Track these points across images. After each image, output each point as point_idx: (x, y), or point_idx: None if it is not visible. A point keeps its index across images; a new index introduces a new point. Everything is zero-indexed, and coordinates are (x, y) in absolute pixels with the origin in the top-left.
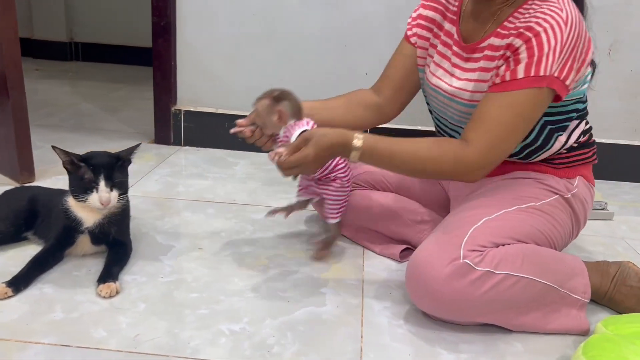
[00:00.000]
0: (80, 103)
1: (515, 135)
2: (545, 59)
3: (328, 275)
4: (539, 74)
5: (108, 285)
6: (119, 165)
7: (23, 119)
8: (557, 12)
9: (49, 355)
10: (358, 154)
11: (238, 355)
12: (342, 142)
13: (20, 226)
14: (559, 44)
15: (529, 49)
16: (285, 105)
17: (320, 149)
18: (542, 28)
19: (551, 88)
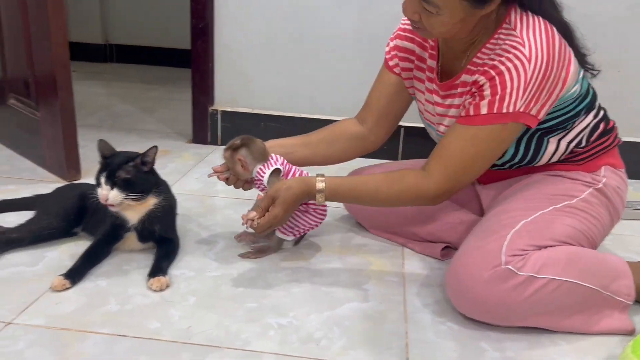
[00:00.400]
0: (117, 104)
1: (474, 169)
2: (508, 97)
3: (369, 273)
4: (501, 111)
5: (158, 279)
6: (128, 166)
7: (70, 119)
8: (520, 49)
9: (107, 345)
10: (323, 196)
11: (287, 348)
12: (307, 190)
13: (70, 222)
14: (522, 83)
15: (492, 87)
16: (244, 152)
17: (288, 205)
18: (505, 67)
19: (517, 122)
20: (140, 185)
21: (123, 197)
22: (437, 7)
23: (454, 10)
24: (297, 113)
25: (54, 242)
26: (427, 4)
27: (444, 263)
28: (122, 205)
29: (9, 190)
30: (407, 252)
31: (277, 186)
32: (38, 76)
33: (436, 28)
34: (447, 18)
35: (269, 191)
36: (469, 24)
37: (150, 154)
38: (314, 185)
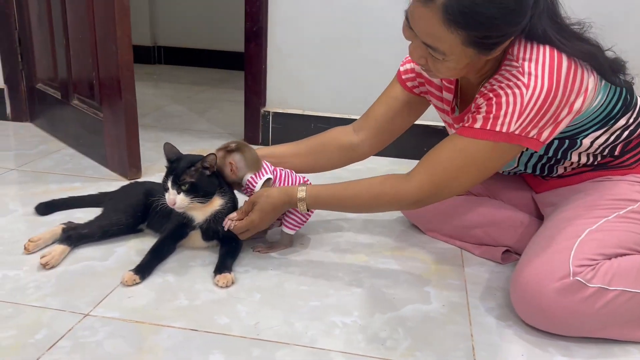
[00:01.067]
0: (169, 104)
1: (458, 181)
2: (502, 117)
3: (429, 275)
4: (494, 128)
5: (224, 276)
6: (192, 170)
7: (133, 120)
8: (519, 77)
9: (181, 338)
10: (304, 204)
11: (353, 347)
12: (287, 200)
13: (137, 218)
14: (518, 107)
15: (489, 106)
16: (237, 158)
17: (264, 213)
18: (504, 92)
19: (511, 144)
20: (205, 188)
21: (189, 201)
22: (443, 54)
23: (460, 57)
24: (348, 114)
25: (121, 238)
26: (434, 51)
27: (504, 267)
28: (188, 208)
29: (75, 187)
30: (466, 255)
31: (259, 192)
32: (102, 78)
33: (443, 72)
34: (453, 64)
35: (252, 197)
36: (475, 67)
37: (209, 161)
38: (294, 195)
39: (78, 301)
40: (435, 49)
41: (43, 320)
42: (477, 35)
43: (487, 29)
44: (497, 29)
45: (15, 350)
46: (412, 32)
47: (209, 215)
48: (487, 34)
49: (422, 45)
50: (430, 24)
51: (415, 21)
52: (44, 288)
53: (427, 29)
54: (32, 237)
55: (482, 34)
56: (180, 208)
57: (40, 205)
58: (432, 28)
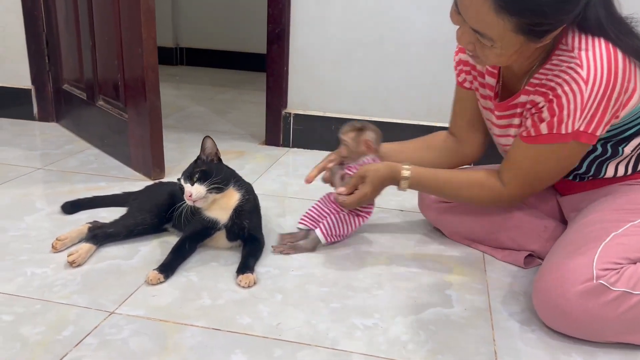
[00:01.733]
0: (191, 105)
1: (543, 182)
2: (566, 118)
3: (451, 278)
4: (560, 132)
5: (247, 276)
6: (199, 161)
7: (157, 120)
8: (578, 71)
9: (204, 337)
10: (407, 183)
11: (375, 349)
12: (392, 175)
13: (162, 218)
14: (580, 104)
15: (550, 109)
16: (370, 135)
17: (375, 186)
18: (562, 90)
19: (579, 141)
20: (217, 174)
21: (206, 189)
22: (491, 41)
23: (509, 43)
24: (369, 116)
25: (146, 237)
26: (482, 37)
27: (527, 271)
28: (207, 199)
29: (100, 187)
30: (488, 259)
31: (366, 167)
32: (128, 79)
33: (490, 59)
34: (501, 50)
35: (359, 171)
36: (524, 55)
37: (204, 146)
38: (399, 172)
39: (104, 299)
40: (484, 35)
41: (70, 318)
42: (528, 22)
43: (539, 16)
44: (549, 16)
45: (44, 346)
46: (460, 18)
47: (232, 212)
48: (538, 21)
49: (470, 31)
50: (481, 10)
51: (465, 7)
52: (71, 286)
53: (477, 15)
54: (59, 236)
55: (533, 21)
56: (199, 198)
57: (66, 204)
58: (482, 14)
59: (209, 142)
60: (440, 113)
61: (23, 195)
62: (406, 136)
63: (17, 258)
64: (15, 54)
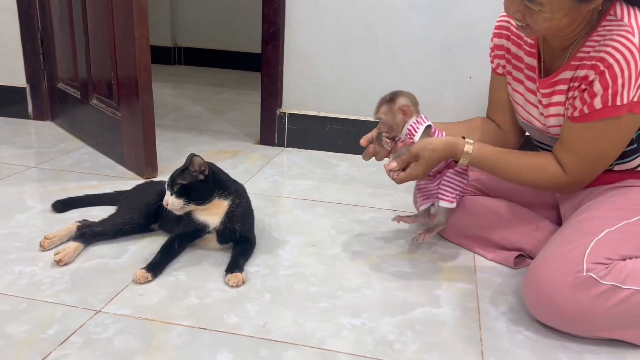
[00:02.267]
0: (188, 105)
1: (605, 160)
2: (620, 89)
3: (440, 278)
4: (615, 103)
5: (235, 276)
6: (184, 173)
7: (150, 120)
8: (629, 37)
9: (190, 337)
10: (468, 158)
11: (361, 349)
12: (452, 150)
13: (150, 218)
14: (634, 72)
15: (603, 80)
16: (403, 101)
17: (429, 167)
18: (614, 59)
19: (634, 113)
20: (197, 191)
21: (181, 203)
22: (540, 5)
23: (558, 6)
24: (364, 116)
25: (134, 237)
26: (530, 2)
27: (517, 272)
28: (184, 209)
29: (92, 185)
30: (478, 260)
31: (422, 144)
32: (121, 78)
33: (540, 24)
34: (551, 14)
35: (413, 148)
36: (573, 19)
37: (194, 164)
38: (461, 149)
39: (91, 298)
40: (532, 0)
41: (56, 316)
42: None
43: None
44: None
45: (29, 345)
46: None
47: (223, 217)
48: None
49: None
50: None
51: None
52: (58, 284)
53: None
54: (47, 235)
55: None
56: (174, 209)
57: (57, 202)
58: None
59: (197, 160)
60: (436, 113)
61: (15, 194)
62: None
63: (6, 256)
64: (10, 52)
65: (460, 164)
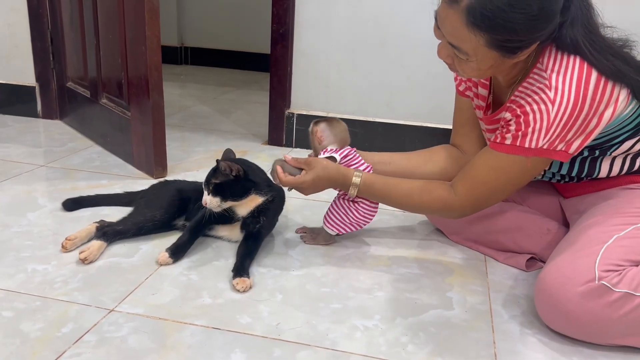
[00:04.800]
0: (195, 105)
1: (498, 194)
2: (530, 134)
3: (452, 280)
4: (524, 145)
5: (243, 281)
6: (217, 173)
7: (160, 119)
8: (546, 92)
9: (203, 336)
10: (356, 189)
11: (374, 350)
12: (342, 178)
13: (172, 215)
14: (545, 124)
15: (517, 124)
16: (322, 127)
17: (318, 179)
18: (530, 108)
19: (541, 157)
20: (232, 189)
21: (218, 202)
22: (466, 55)
23: (483, 58)
24: (372, 117)
25: (147, 237)
26: (458, 51)
27: (528, 274)
28: (221, 207)
29: (101, 184)
30: (489, 262)
31: (318, 159)
32: (131, 78)
33: (467, 72)
34: (477, 64)
35: (312, 158)
36: (501, 69)
37: (220, 167)
38: (350, 178)
39: (104, 297)
40: (459, 49)
41: (70, 315)
42: (500, 38)
43: (510, 33)
44: (520, 34)
45: (43, 343)
46: (440, 32)
47: (253, 209)
48: (509, 38)
49: (448, 45)
50: (455, 25)
51: (442, 21)
52: (71, 283)
53: (452, 30)
54: (69, 236)
55: (505, 38)
56: (212, 208)
57: (68, 201)
58: (456, 29)
59: (221, 165)
60: (442, 115)
61: (26, 192)
62: (408, 137)
63: (19, 254)
64: (20, 51)
65: (350, 194)
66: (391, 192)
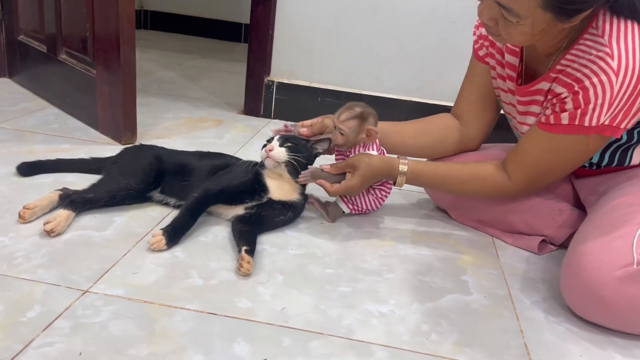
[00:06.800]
0: (158, 70)
1: (553, 175)
2: (591, 112)
3: (463, 263)
4: (583, 124)
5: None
6: (302, 140)
7: (131, 78)
8: (608, 61)
9: (198, 322)
10: (404, 178)
11: (395, 340)
12: (387, 169)
13: (149, 184)
14: (608, 98)
15: (575, 100)
16: (373, 122)
17: (365, 179)
18: (590, 82)
19: (602, 135)
20: (305, 159)
21: (287, 157)
22: (517, 17)
23: (536, 21)
24: (359, 89)
25: (121, 207)
26: (508, 12)
27: (540, 257)
28: (278, 167)
29: (62, 149)
30: (498, 243)
31: (358, 157)
32: (98, 30)
33: (514, 37)
34: (527, 28)
35: (351, 158)
36: (550, 35)
37: (324, 144)
38: (396, 167)
39: (75, 275)
40: (510, 10)
41: (35, 296)
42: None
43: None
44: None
45: (5, 329)
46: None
47: (283, 198)
48: None
49: (494, 5)
50: None
51: None
52: (34, 259)
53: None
54: (27, 205)
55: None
56: (275, 158)
57: (23, 165)
58: None
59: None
60: (433, 90)
61: None
62: (396, 112)
63: None
64: None
65: (397, 183)
66: (442, 179)
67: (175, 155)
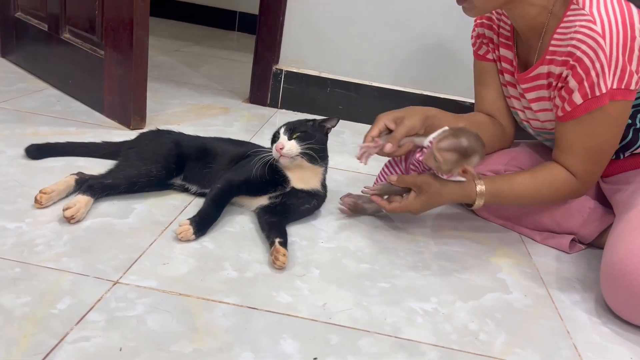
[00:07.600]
0: (156, 55)
1: (607, 151)
2: (596, 79)
3: (497, 260)
4: (595, 95)
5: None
6: (308, 124)
7: (143, 60)
8: (591, 27)
9: (240, 318)
10: (482, 199)
11: (444, 339)
12: (463, 193)
13: (170, 171)
14: (605, 61)
15: (576, 75)
16: (474, 162)
17: (429, 206)
18: (582, 52)
19: (617, 100)
20: (318, 143)
21: (300, 149)
22: None
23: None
24: (369, 81)
25: (138, 194)
26: None
27: (572, 256)
28: (294, 161)
29: (69, 132)
30: (527, 241)
31: (431, 181)
32: (108, 8)
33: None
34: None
35: (421, 178)
36: (516, 8)
37: (332, 121)
38: (473, 190)
39: (102, 265)
40: None
41: (63, 286)
42: None
43: None
44: None
45: (35, 322)
46: None
47: (306, 187)
48: None
49: None
50: None
51: None
52: (56, 246)
53: None
54: (43, 189)
55: None
56: (288, 155)
57: (32, 147)
58: None
59: (336, 120)
60: (445, 84)
61: None
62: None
63: None
64: None
65: (476, 206)
66: (521, 193)
67: (194, 140)
